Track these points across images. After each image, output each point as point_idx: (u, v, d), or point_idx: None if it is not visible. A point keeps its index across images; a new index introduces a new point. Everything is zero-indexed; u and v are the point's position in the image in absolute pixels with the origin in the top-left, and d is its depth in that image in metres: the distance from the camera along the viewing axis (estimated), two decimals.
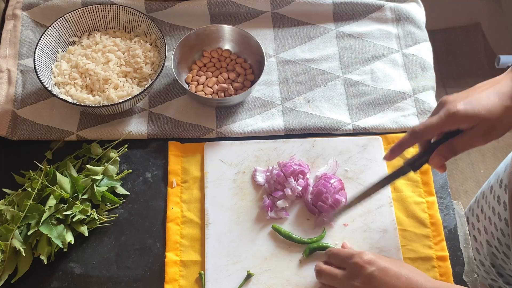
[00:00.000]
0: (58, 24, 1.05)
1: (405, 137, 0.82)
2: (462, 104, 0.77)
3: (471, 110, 0.77)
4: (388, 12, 1.17)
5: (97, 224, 0.93)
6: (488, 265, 1.17)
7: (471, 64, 2.16)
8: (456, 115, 0.77)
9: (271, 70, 1.11)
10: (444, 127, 0.79)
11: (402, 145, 0.83)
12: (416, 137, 0.81)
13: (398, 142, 0.83)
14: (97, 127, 1.03)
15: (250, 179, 0.98)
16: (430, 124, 0.79)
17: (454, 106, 0.77)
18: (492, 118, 0.77)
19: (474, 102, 0.77)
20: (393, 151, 0.84)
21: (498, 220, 1.07)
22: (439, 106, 0.81)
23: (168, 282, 0.89)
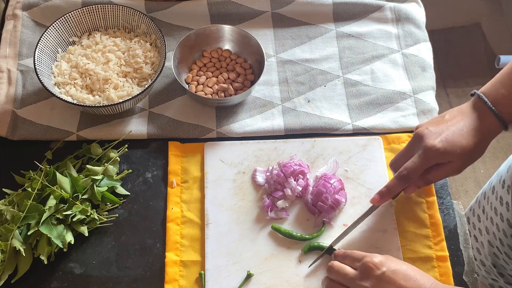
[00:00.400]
0: (58, 24, 1.05)
1: (393, 183, 0.88)
2: (440, 142, 0.84)
3: (449, 148, 0.84)
4: (388, 12, 1.17)
5: (97, 224, 0.93)
6: (489, 265, 1.17)
7: (471, 64, 2.16)
8: (436, 153, 0.84)
9: (271, 70, 1.11)
10: (426, 165, 0.85)
11: (391, 190, 0.89)
12: (404, 181, 0.87)
13: (387, 187, 0.89)
14: (97, 127, 1.03)
15: (250, 179, 0.98)
16: (414, 167, 0.85)
17: (432, 143, 0.84)
18: (466, 154, 0.85)
19: (449, 140, 0.84)
20: (382, 195, 0.89)
21: (500, 220, 1.07)
22: (416, 140, 0.87)
23: (168, 282, 0.89)
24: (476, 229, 1.18)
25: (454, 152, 0.84)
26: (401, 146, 1.02)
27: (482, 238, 1.16)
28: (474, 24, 2.23)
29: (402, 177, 0.86)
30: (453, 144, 0.84)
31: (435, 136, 0.85)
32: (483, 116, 0.87)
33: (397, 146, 1.02)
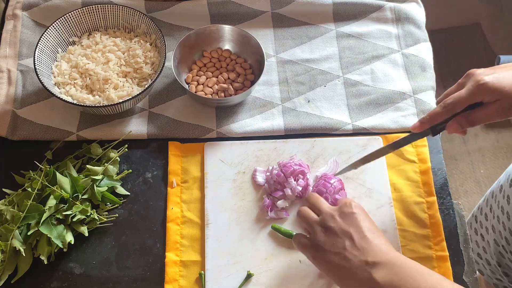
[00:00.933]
0: (58, 24, 1.05)
1: (437, 110, 0.84)
2: (490, 77, 0.80)
3: (497, 84, 0.80)
4: (388, 12, 1.17)
5: (97, 224, 0.93)
6: (494, 264, 1.17)
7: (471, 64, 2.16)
8: (484, 87, 0.80)
9: (271, 70, 1.11)
10: (472, 99, 0.82)
11: (432, 118, 0.85)
12: (447, 110, 0.83)
13: (429, 114, 0.85)
14: (97, 127, 1.03)
15: (250, 179, 0.98)
16: (460, 96, 0.82)
17: (482, 78, 0.81)
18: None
19: (500, 78, 0.80)
20: (423, 122, 0.86)
21: (506, 219, 1.07)
22: (466, 77, 0.84)
23: (168, 282, 0.89)
24: (483, 227, 1.17)
25: (502, 89, 0.80)
26: None
27: (489, 237, 1.15)
28: (474, 24, 2.23)
29: (447, 105, 0.83)
30: (503, 82, 0.80)
31: (486, 73, 0.81)
32: None
33: None
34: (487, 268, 1.22)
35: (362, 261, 0.74)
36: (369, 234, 0.77)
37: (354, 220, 0.78)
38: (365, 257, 0.74)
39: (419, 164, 1.00)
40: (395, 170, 0.99)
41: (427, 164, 1.00)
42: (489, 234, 1.15)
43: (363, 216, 0.79)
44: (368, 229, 0.77)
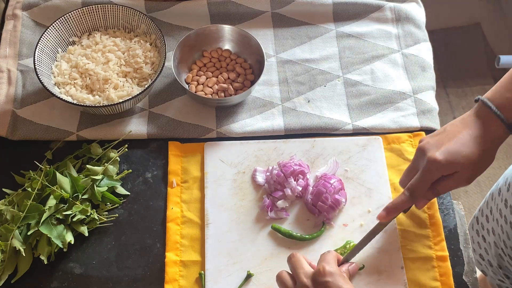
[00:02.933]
0: (58, 24, 1.05)
1: (400, 200, 0.86)
2: (441, 154, 0.82)
3: (451, 159, 0.82)
4: (388, 12, 1.17)
5: (97, 224, 0.93)
6: (496, 266, 1.17)
7: (471, 64, 2.16)
8: (438, 165, 0.82)
9: (271, 70, 1.11)
10: (431, 179, 0.84)
11: (398, 207, 0.87)
12: (411, 199, 0.86)
13: (393, 203, 0.87)
14: (97, 127, 1.03)
15: (250, 179, 0.98)
16: (420, 183, 0.84)
17: (434, 156, 0.82)
18: (472, 163, 0.82)
19: (451, 151, 0.82)
20: (389, 212, 0.88)
21: (504, 222, 1.07)
22: (418, 155, 0.86)
23: (168, 282, 0.89)
24: (484, 229, 1.17)
25: (457, 162, 0.82)
26: (401, 146, 1.02)
27: (490, 239, 1.15)
28: (474, 24, 2.23)
29: (409, 194, 0.85)
30: (455, 154, 0.82)
31: (436, 149, 0.83)
32: (488, 122, 0.84)
33: (397, 146, 1.02)
34: (490, 269, 1.22)
35: None
36: None
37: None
38: None
39: None
40: (395, 170, 0.99)
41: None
42: (489, 236, 1.16)
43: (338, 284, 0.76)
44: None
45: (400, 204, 0.86)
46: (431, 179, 0.84)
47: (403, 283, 0.89)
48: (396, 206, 0.87)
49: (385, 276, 0.89)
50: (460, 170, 0.83)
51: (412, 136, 1.03)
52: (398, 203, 0.86)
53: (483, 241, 1.19)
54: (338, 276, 0.77)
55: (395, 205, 0.87)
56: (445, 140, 0.83)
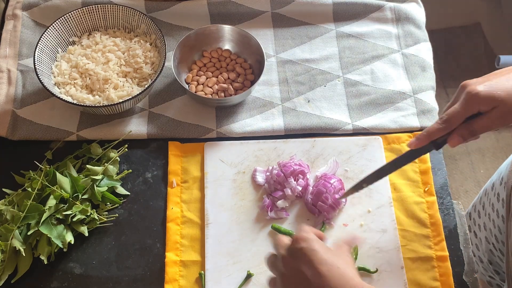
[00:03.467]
0: (58, 24, 1.05)
1: (434, 126, 0.82)
2: (482, 86, 0.79)
3: (491, 92, 0.78)
4: (388, 12, 1.17)
5: (97, 224, 0.93)
6: (486, 262, 1.18)
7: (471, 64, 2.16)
8: (476, 97, 0.79)
9: (271, 70, 1.11)
10: (467, 111, 0.80)
11: (430, 135, 0.83)
12: (444, 126, 0.82)
13: (427, 131, 0.83)
14: (97, 127, 1.03)
15: (250, 179, 0.98)
16: (455, 112, 0.80)
17: (474, 88, 0.79)
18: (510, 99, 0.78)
19: (493, 85, 0.79)
20: (420, 139, 0.84)
21: (496, 217, 1.08)
22: (460, 90, 0.82)
23: (168, 282, 0.89)
24: (476, 225, 1.18)
25: (497, 96, 0.78)
26: (401, 146, 1.02)
27: (481, 234, 1.16)
28: (474, 24, 2.23)
29: (443, 121, 0.81)
30: (496, 89, 0.78)
31: (479, 83, 0.80)
32: None
33: (397, 146, 1.02)
34: (480, 266, 1.22)
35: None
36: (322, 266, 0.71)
37: (304, 256, 0.72)
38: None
39: (419, 164, 1.00)
40: None
41: (427, 164, 1.00)
42: (481, 231, 1.16)
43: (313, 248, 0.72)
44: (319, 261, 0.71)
45: (433, 132, 0.82)
46: (468, 111, 0.80)
47: (403, 283, 0.89)
48: (429, 133, 0.83)
49: (385, 276, 0.89)
50: (498, 105, 0.79)
51: (412, 136, 1.03)
52: (431, 130, 0.82)
53: (474, 237, 1.19)
54: (312, 241, 0.74)
55: (429, 132, 0.83)
56: (490, 77, 0.81)
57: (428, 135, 0.83)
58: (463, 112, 0.80)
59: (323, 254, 0.72)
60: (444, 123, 0.81)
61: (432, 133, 0.82)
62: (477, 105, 0.80)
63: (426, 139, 0.83)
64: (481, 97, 0.78)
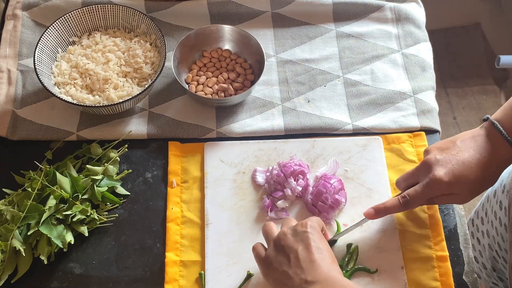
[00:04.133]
0: (58, 24, 1.05)
1: (393, 205, 0.87)
2: (446, 174, 0.83)
3: (454, 182, 0.83)
4: (388, 12, 1.17)
5: (97, 224, 0.93)
6: (490, 269, 1.17)
7: (471, 64, 2.16)
8: (440, 184, 0.83)
9: (271, 70, 1.11)
10: (429, 195, 0.85)
11: (388, 210, 0.88)
12: (404, 207, 0.87)
13: (385, 206, 0.88)
14: (97, 127, 1.03)
15: (250, 179, 0.98)
16: (417, 194, 0.85)
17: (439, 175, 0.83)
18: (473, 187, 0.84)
19: (456, 173, 0.83)
20: (378, 212, 0.88)
21: (499, 224, 1.07)
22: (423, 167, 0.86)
23: (168, 282, 0.89)
24: (479, 231, 1.18)
25: (460, 185, 0.83)
26: (401, 146, 1.02)
27: (484, 241, 1.16)
28: (474, 24, 2.23)
29: (403, 203, 0.86)
30: (460, 178, 0.83)
31: (443, 167, 0.83)
32: (497, 146, 0.85)
33: (397, 146, 1.02)
34: (484, 272, 1.22)
35: (302, 280, 0.74)
36: (317, 253, 0.76)
37: (305, 239, 0.77)
38: (305, 276, 0.74)
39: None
40: (395, 170, 0.99)
41: None
42: (484, 238, 1.16)
43: (315, 236, 0.78)
44: (316, 248, 0.76)
45: (391, 209, 0.88)
46: (430, 195, 0.85)
47: (403, 283, 0.89)
48: (387, 209, 0.88)
49: (385, 276, 0.89)
50: (459, 192, 0.84)
51: (412, 136, 1.03)
52: (390, 208, 0.87)
53: (478, 243, 1.19)
54: (318, 233, 0.79)
55: (386, 208, 0.88)
56: (453, 160, 0.84)
57: (386, 210, 0.88)
58: (425, 196, 0.85)
59: (321, 246, 0.77)
60: (405, 204, 0.86)
61: (391, 209, 0.88)
62: (440, 191, 0.84)
63: (383, 213, 0.89)
64: (446, 185, 0.83)
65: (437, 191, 0.84)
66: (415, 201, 0.86)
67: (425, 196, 0.85)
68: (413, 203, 0.86)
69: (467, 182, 0.83)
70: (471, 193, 0.85)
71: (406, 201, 0.86)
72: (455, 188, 0.84)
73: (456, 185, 0.83)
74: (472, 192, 0.85)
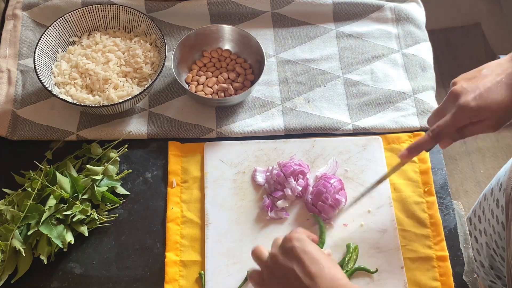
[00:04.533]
0: (58, 24, 1.05)
1: (425, 138, 0.84)
2: (473, 99, 0.80)
3: (483, 106, 0.79)
4: (388, 12, 1.17)
5: (97, 224, 0.93)
6: (488, 267, 1.17)
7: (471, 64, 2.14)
8: (468, 111, 0.80)
9: (271, 70, 1.11)
10: (458, 124, 0.82)
11: (420, 146, 0.85)
12: (435, 139, 0.84)
13: (417, 142, 0.85)
14: (97, 127, 1.03)
15: (250, 179, 0.98)
16: (446, 125, 0.82)
17: (465, 101, 0.80)
18: (502, 111, 0.80)
19: (484, 97, 0.80)
20: (411, 150, 0.86)
21: (496, 223, 1.08)
22: (450, 97, 0.83)
23: (168, 282, 0.89)
24: (477, 230, 1.18)
25: (488, 109, 0.80)
26: (401, 146, 1.02)
27: (482, 240, 1.16)
28: (474, 24, 2.23)
29: (434, 135, 0.83)
30: (487, 101, 0.80)
31: (469, 94, 0.81)
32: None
33: (397, 146, 1.02)
34: (481, 270, 1.22)
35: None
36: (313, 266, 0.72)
37: (296, 255, 0.73)
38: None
39: (419, 164, 1.00)
40: None
41: (427, 164, 1.00)
42: (481, 236, 1.16)
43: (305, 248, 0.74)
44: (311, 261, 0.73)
45: (423, 144, 0.84)
46: (460, 123, 0.82)
47: (403, 283, 0.89)
48: (419, 145, 0.85)
49: (385, 276, 0.89)
50: (489, 117, 0.81)
51: (412, 136, 1.03)
52: (422, 143, 0.85)
53: (475, 242, 1.19)
54: (305, 241, 0.75)
55: (418, 145, 0.85)
56: (480, 85, 0.81)
57: (419, 147, 0.85)
58: (454, 124, 0.82)
59: (314, 254, 0.73)
60: (435, 136, 0.83)
61: (423, 144, 0.85)
62: (469, 118, 0.81)
63: (416, 151, 0.86)
64: (474, 110, 0.80)
65: (466, 118, 0.81)
66: (445, 132, 0.82)
67: (455, 125, 0.82)
68: (443, 134, 0.82)
69: (496, 104, 0.80)
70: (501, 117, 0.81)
71: (436, 133, 0.83)
72: (483, 113, 0.80)
73: (484, 109, 0.80)
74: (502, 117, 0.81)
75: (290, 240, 0.75)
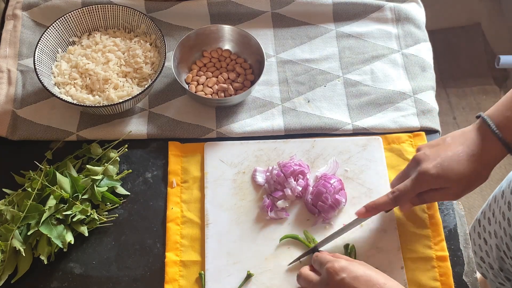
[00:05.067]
0: (58, 24, 1.05)
1: (383, 201, 0.87)
2: (434, 167, 0.83)
3: (442, 174, 0.82)
4: (388, 12, 1.17)
5: (97, 224, 0.93)
6: (497, 269, 1.17)
7: (471, 64, 2.16)
8: (428, 178, 0.83)
9: (271, 70, 1.11)
10: (418, 189, 0.85)
11: (379, 207, 0.88)
12: (394, 202, 0.86)
13: (376, 202, 0.88)
14: (97, 127, 1.03)
15: (250, 179, 0.98)
16: (406, 188, 0.85)
17: (426, 168, 0.83)
18: (462, 181, 0.83)
19: (445, 166, 0.82)
20: (369, 209, 0.88)
21: (507, 225, 1.07)
22: (412, 163, 0.86)
23: (168, 282, 0.89)
24: (486, 232, 1.17)
25: (448, 178, 0.82)
26: (401, 146, 1.02)
27: (491, 241, 1.15)
28: (474, 24, 2.23)
29: (393, 198, 0.86)
30: (447, 171, 0.82)
31: (430, 161, 0.83)
32: (486, 140, 0.83)
33: (397, 146, 1.02)
34: (490, 272, 1.22)
35: None
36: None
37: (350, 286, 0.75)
38: None
39: None
40: (395, 170, 0.99)
41: None
42: (491, 238, 1.15)
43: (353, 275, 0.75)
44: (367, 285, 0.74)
45: (382, 205, 0.87)
46: (419, 189, 0.85)
47: (403, 283, 0.89)
48: (378, 206, 0.87)
49: None
50: (449, 186, 0.83)
51: (412, 136, 1.03)
52: (380, 204, 0.87)
53: (485, 244, 1.19)
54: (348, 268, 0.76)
55: (377, 205, 0.87)
56: (441, 153, 0.84)
57: (377, 207, 0.87)
58: (414, 190, 0.85)
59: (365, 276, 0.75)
60: (395, 199, 0.86)
61: (382, 205, 0.87)
62: (428, 185, 0.84)
63: (375, 211, 0.88)
64: (433, 178, 0.82)
65: (425, 184, 0.84)
66: (404, 196, 0.85)
67: (414, 190, 0.84)
68: (402, 197, 0.85)
69: (456, 175, 0.82)
70: (461, 187, 0.83)
71: (395, 196, 0.85)
72: (443, 181, 0.82)
73: (444, 178, 0.82)
74: (462, 187, 0.83)
75: (336, 273, 0.76)
